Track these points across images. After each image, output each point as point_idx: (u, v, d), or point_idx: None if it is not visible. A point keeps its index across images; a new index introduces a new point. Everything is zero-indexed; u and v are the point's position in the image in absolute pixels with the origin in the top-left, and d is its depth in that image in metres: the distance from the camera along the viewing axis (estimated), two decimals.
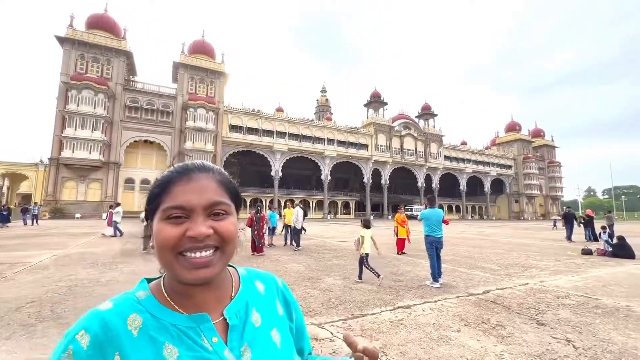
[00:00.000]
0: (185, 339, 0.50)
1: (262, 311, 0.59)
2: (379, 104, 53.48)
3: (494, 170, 63.69)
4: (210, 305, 0.55)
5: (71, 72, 32.20)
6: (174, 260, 0.50)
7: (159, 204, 0.53)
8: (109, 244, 10.56)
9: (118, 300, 0.53)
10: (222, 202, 0.54)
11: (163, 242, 0.50)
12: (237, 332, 0.54)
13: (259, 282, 0.64)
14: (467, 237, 15.55)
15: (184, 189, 0.52)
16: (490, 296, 4.71)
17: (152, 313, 0.51)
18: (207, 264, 0.50)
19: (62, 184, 31.22)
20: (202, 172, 0.55)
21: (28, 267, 6.48)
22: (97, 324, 0.48)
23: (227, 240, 0.53)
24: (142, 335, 0.48)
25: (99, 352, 0.46)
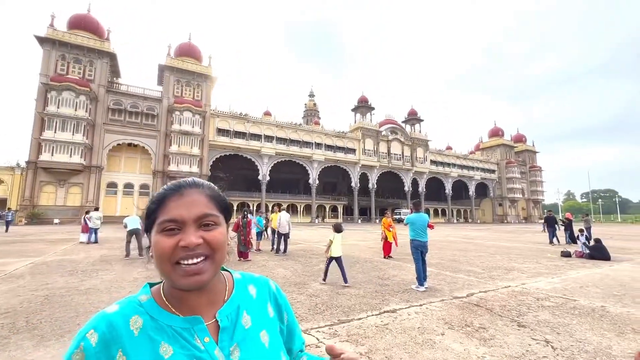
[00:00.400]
0: (179, 339, 0.55)
1: (253, 314, 0.64)
2: (367, 109, 54.08)
3: (478, 174, 65.22)
4: (204, 308, 0.60)
5: (51, 73, 31.26)
6: (171, 269, 0.55)
7: (155, 219, 0.58)
8: (88, 251, 10.23)
9: (123, 303, 0.57)
10: (211, 214, 0.59)
11: (160, 252, 0.56)
12: (228, 333, 0.59)
13: (252, 286, 0.68)
14: (452, 241, 15.83)
15: (176, 204, 0.58)
16: (473, 299, 4.80)
17: (152, 315, 0.56)
18: (199, 272, 0.55)
19: (40, 188, 30.10)
20: (192, 188, 0.61)
21: (2, 275, 6.21)
22: (104, 324, 0.53)
23: (216, 248, 0.58)
24: (141, 335, 0.54)
25: (105, 349, 0.52)
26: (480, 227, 38.79)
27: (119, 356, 0.51)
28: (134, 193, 35.34)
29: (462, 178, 63.49)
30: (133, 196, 35.16)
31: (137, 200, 34.79)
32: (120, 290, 5.18)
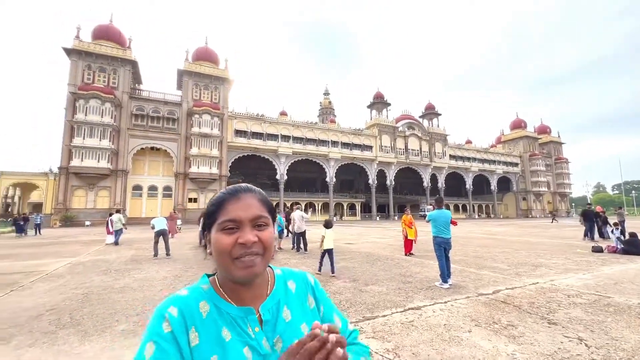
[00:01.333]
0: (236, 326, 0.63)
1: (293, 308, 0.70)
2: (382, 105, 53.47)
3: (500, 168, 63.19)
4: (250, 301, 0.67)
5: (78, 83, 32.80)
6: (230, 263, 0.62)
7: (215, 219, 0.66)
8: (119, 251, 10.73)
9: (191, 289, 0.65)
10: (263, 216, 0.67)
11: (221, 248, 0.63)
12: (271, 325, 0.66)
13: (291, 281, 0.75)
14: (475, 237, 15.48)
15: (234, 206, 0.65)
16: (500, 296, 4.71)
17: (215, 302, 0.64)
18: (252, 264, 0.63)
19: (72, 192, 31.73)
20: (247, 193, 0.68)
21: (44, 275, 6.64)
22: (182, 303, 0.62)
23: (267, 247, 0.66)
24: (209, 318, 0.62)
25: (183, 322, 0.60)
26: (503, 222, 37.61)
27: (192, 332, 0.60)
28: (158, 195, 36.58)
29: (483, 172, 61.70)
30: (157, 198, 36.42)
31: (161, 202, 36.03)
32: (152, 288, 5.43)
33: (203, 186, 36.84)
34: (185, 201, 35.95)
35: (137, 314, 4.05)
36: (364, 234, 18.17)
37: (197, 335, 0.60)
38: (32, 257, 9.63)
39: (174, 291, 4.23)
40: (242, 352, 0.60)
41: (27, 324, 3.69)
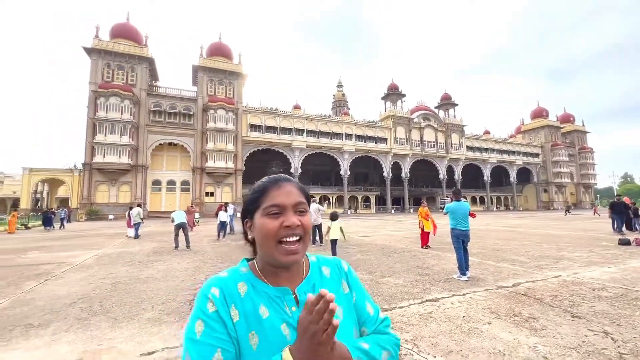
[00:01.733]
0: (273, 304, 0.68)
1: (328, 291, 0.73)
2: (397, 96, 52.59)
3: (519, 159, 61.25)
4: (287, 282, 0.72)
5: (99, 81, 33.80)
6: (274, 247, 0.67)
7: (258, 206, 0.71)
8: (141, 244, 11.14)
9: (230, 271, 0.72)
10: (303, 202, 0.72)
11: (266, 232, 0.67)
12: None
13: (325, 267, 0.79)
14: (494, 229, 15.16)
15: (278, 193, 0.71)
16: (520, 289, 4.63)
17: (252, 283, 0.69)
18: (295, 251, 0.68)
19: (96, 187, 32.98)
20: (287, 182, 0.74)
21: (74, 266, 6.99)
22: (222, 284, 0.68)
23: (307, 230, 0.71)
24: (247, 297, 0.67)
25: (225, 302, 0.66)
26: (523, 214, 36.59)
27: (233, 309, 0.66)
28: (176, 189, 37.55)
29: (501, 164, 59.99)
30: (176, 192, 37.39)
31: (179, 196, 36.97)
32: (174, 279, 5.63)
33: (219, 180, 37.51)
34: (202, 195, 36.74)
35: (162, 302, 4.22)
36: (379, 227, 18.11)
37: (237, 313, 0.65)
38: (62, 249, 10.13)
39: (195, 282, 4.38)
40: (280, 328, 0.65)
41: (62, 311, 3.92)
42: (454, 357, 2.62)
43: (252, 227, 0.74)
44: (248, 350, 0.63)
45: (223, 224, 12.76)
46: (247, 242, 0.77)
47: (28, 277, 5.88)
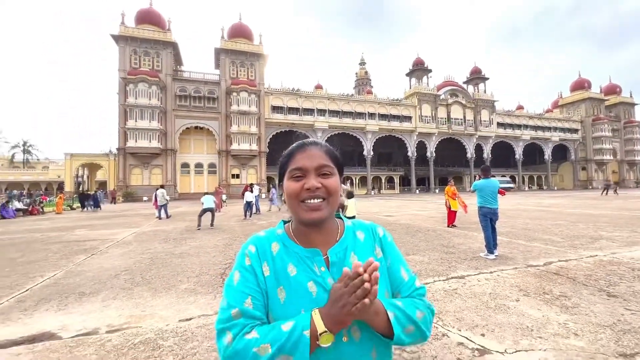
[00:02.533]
0: (302, 264, 0.72)
1: (360, 254, 0.76)
2: (423, 72, 50.33)
3: (556, 135, 57.45)
4: (319, 245, 0.75)
5: (127, 68, 34.89)
6: (298, 205, 0.72)
7: (286, 169, 0.76)
8: (174, 223, 11.77)
9: (267, 232, 0.79)
10: (327, 165, 0.74)
11: (290, 193, 0.72)
12: (337, 267, 0.73)
13: (360, 231, 0.81)
14: (524, 209, 14.56)
15: (301, 157, 0.74)
16: (552, 268, 4.49)
17: (285, 244, 0.75)
18: (318, 208, 0.71)
19: (130, 170, 34.83)
20: (313, 145, 0.77)
21: (115, 242, 7.56)
22: (258, 243, 0.76)
23: (331, 192, 0.73)
24: (278, 255, 0.73)
25: (258, 258, 0.73)
26: (558, 194, 34.71)
27: (264, 266, 0.72)
28: (204, 172, 38.86)
29: (535, 141, 56.60)
30: (203, 175, 38.74)
31: (207, 179, 38.30)
32: (206, 254, 5.95)
33: (244, 162, 38.34)
34: (228, 177, 37.83)
35: (196, 275, 4.51)
36: (403, 207, 17.93)
37: (268, 269, 0.71)
38: (104, 227, 10.94)
39: (225, 257, 4.62)
40: (306, 285, 0.69)
41: (109, 282, 4.30)
42: (479, 330, 2.63)
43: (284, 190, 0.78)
44: (276, 302, 0.68)
45: (249, 204, 13.16)
46: (283, 203, 0.81)
47: (77, 252, 6.45)
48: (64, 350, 2.46)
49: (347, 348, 0.65)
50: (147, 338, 2.63)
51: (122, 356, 2.35)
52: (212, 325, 2.79)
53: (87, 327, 2.86)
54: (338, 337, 0.63)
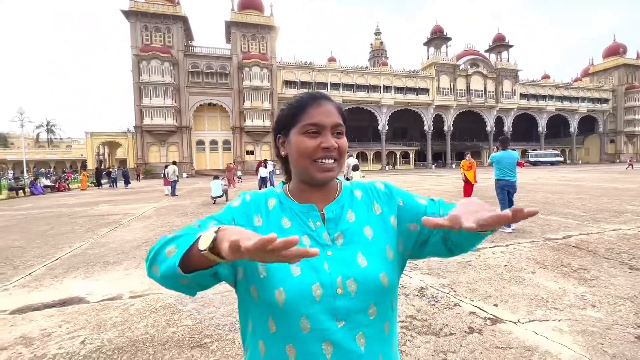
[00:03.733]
0: (297, 218, 0.69)
1: (357, 211, 0.73)
2: (442, 41, 47.82)
3: (584, 106, 54.25)
4: (317, 202, 0.72)
5: (139, 44, 34.71)
6: (310, 164, 0.67)
7: (295, 122, 0.69)
8: (191, 198, 12.09)
9: (267, 190, 0.76)
10: (341, 124, 0.70)
11: (303, 150, 0.67)
12: (333, 223, 0.70)
13: (358, 190, 0.78)
14: (545, 183, 14.09)
15: (317, 111, 0.68)
16: (571, 241, 4.38)
17: (281, 200, 0.72)
18: (332, 169, 0.67)
19: (148, 148, 35.60)
20: (326, 100, 0.71)
21: (136, 216, 7.86)
22: (255, 194, 0.73)
23: (343, 153, 0.70)
24: (273, 210, 0.70)
25: (250, 206, 0.70)
26: (582, 168, 33.29)
27: (257, 217, 0.69)
28: (219, 149, 39.29)
29: (561, 112, 53.72)
30: (218, 152, 39.19)
31: (222, 155, 38.75)
32: None
33: (258, 139, 38.41)
34: (243, 154, 38.14)
35: None
36: (419, 182, 17.70)
37: (260, 220, 0.69)
38: (125, 202, 11.37)
39: None
40: (300, 239, 0.66)
41: (131, 252, 4.50)
42: (492, 301, 2.62)
43: (285, 144, 0.73)
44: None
45: (263, 179, 13.30)
46: (278, 157, 0.77)
47: (101, 225, 6.76)
48: (91, 312, 2.62)
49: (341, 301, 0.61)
50: (168, 303, 2.76)
51: (144, 319, 2.48)
52: (227, 292, 2.89)
53: (112, 293, 3.03)
54: (330, 289, 0.61)
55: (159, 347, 2.09)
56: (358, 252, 0.66)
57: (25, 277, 3.56)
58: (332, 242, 0.67)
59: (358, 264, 0.64)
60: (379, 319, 0.65)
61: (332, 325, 0.60)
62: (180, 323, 2.41)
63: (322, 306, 0.60)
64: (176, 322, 2.42)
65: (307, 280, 0.61)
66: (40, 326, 2.41)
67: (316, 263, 0.63)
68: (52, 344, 2.16)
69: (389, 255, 0.69)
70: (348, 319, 0.61)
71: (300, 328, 0.60)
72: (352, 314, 0.62)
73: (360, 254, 0.66)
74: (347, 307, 0.61)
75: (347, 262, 0.64)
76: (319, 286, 0.60)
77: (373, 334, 0.64)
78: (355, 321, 0.62)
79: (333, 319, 0.61)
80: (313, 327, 0.60)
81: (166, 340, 2.18)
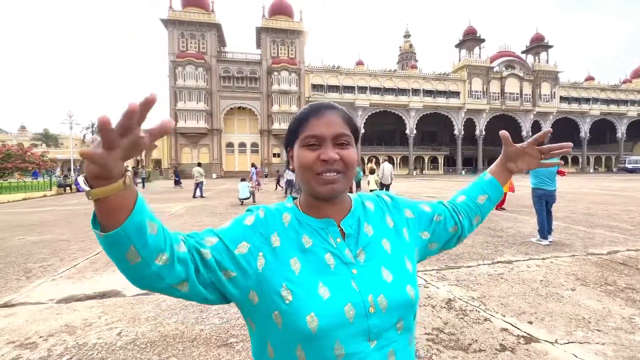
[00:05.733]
0: (317, 235, 0.65)
1: (373, 224, 0.71)
2: (474, 42, 46.20)
3: (634, 109, 50.12)
4: (332, 217, 0.69)
5: (176, 51, 36.58)
6: (312, 178, 0.63)
7: (297, 135, 0.67)
8: (221, 199, 12.49)
9: (278, 204, 0.72)
10: (345, 134, 0.66)
11: (303, 163, 0.63)
12: (353, 238, 0.67)
13: (368, 201, 0.76)
14: (587, 193, 13.13)
15: (317, 122, 0.65)
16: (618, 257, 4.04)
17: (296, 216, 0.68)
18: (334, 181, 0.63)
19: (181, 149, 37.33)
20: (330, 110, 0.67)
21: (170, 214, 8.25)
22: (268, 210, 0.67)
23: (349, 165, 0.65)
24: (289, 227, 0.66)
25: (266, 224, 0.64)
26: (631, 177, 30.63)
27: (275, 236, 0.63)
28: (247, 151, 40.38)
29: (607, 117, 49.94)
30: (246, 154, 40.26)
31: (250, 157, 39.75)
32: None
33: None
34: (270, 156, 38.93)
35: None
36: (447, 188, 17.15)
37: (278, 239, 0.63)
38: (160, 201, 11.97)
39: None
40: (324, 257, 0.63)
41: None
42: (527, 318, 2.48)
43: (292, 157, 0.70)
44: (291, 274, 0.60)
45: (290, 182, 13.50)
46: (288, 169, 0.75)
47: None
48: (127, 306, 2.78)
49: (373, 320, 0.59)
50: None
51: (174, 315, 2.59)
52: None
53: None
54: (363, 309, 0.59)
55: (188, 343, 2.18)
56: (381, 268, 0.64)
57: (70, 269, 3.85)
58: (355, 259, 0.64)
59: (384, 279, 0.63)
60: (405, 332, 0.64)
61: (365, 346, 0.58)
62: (208, 321, 2.49)
63: (356, 328, 0.58)
64: (204, 320, 2.51)
65: (338, 302, 0.58)
66: (82, 316, 2.59)
67: (344, 283, 0.60)
68: (93, 333, 2.31)
69: (409, 268, 0.68)
70: (380, 337, 0.60)
71: (334, 355, 0.57)
72: (383, 332, 0.60)
73: (383, 268, 0.64)
74: (379, 325, 0.60)
75: (374, 279, 0.62)
76: (351, 307, 0.58)
77: (401, 349, 0.63)
78: (386, 338, 0.61)
79: (366, 340, 0.59)
80: (348, 351, 0.57)
81: (194, 337, 2.26)
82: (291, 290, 0.58)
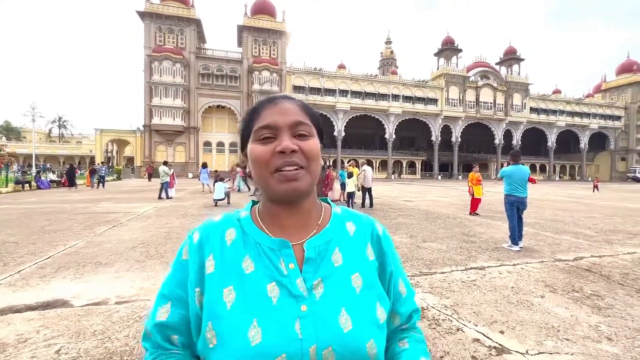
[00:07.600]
0: (264, 258, 0.53)
1: (346, 252, 0.57)
2: (452, 52, 47.72)
3: (595, 122, 53.50)
4: (294, 232, 0.57)
5: (152, 45, 35.25)
6: (269, 176, 0.53)
7: (250, 130, 0.56)
8: (194, 199, 12.03)
9: (226, 216, 0.60)
10: (304, 123, 0.56)
11: (257, 159, 0.54)
12: (313, 265, 0.54)
13: (350, 223, 0.61)
14: (554, 200, 13.76)
15: (271, 112, 0.56)
16: (583, 263, 4.15)
17: (245, 230, 0.57)
18: (296, 178, 0.53)
19: (155, 147, 35.91)
20: (286, 99, 0.59)
21: (136, 215, 7.79)
22: (206, 230, 0.58)
23: (311, 158, 0.54)
24: (232, 246, 0.55)
25: (200, 249, 0.56)
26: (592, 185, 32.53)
27: (209, 260, 0.54)
28: (225, 151, 39.48)
29: (571, 128, 53.03)
30: (225, 153, 39.36)
31: (228, 157, 38.90)
32: None
33: None
34: None
35: None
36: (424, 192, 17.46)
37: (212, 264, 0.54)
38: (128, 201, 11.34)
39: None
40: (265, 288, 0.51)
41: (125, 253, 4.39)
42: (498, 327, 2.43)
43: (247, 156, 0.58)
44: (221, 308, 0.50)
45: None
46: (247, 176, 0.63)
47: (100, 223, 6.69)
48: (73, 318, 2.50)
49: None
50: None
51: (126, 328, 2.35)
52: None
53: (98, 297, 2.90)
54: None
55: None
56: (341, 310, 0.51)
57: (13, 275, 3.47)
58: (308, 293, 0.51)
59: (340, 327, 0.49)
60: None
61: None
62: None
63: None
64: None
65: (269, 350, 0.46)
66: (17, 330, 2.29)
67: (284, 324, 0.48)
68: (26, 351, 2.03)
69: (380, 317, 0.54)
70: None
71: None
72: None
73: (344, 311, 0.51)
74: None
75: (326, 324, 0.49)
76: (284, 359, 0.45)
77: None
78: None
79: None
80: None
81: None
82: (216, 332, 0.48)
